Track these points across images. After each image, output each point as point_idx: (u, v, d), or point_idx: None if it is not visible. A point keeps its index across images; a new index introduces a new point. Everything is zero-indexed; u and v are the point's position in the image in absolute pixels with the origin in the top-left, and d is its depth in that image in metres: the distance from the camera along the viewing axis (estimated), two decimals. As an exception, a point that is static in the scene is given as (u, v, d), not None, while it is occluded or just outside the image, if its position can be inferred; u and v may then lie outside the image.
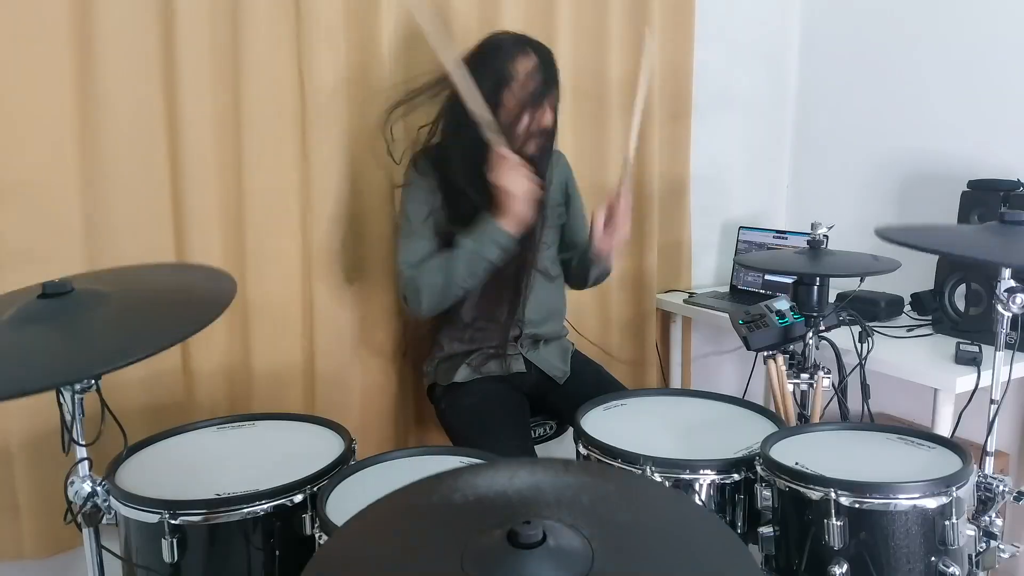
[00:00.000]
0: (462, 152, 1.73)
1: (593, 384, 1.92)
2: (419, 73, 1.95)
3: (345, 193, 1.94)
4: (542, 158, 1.80)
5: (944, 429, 1.75)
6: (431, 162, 1.80)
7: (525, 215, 1.68)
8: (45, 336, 1.14)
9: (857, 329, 1.77)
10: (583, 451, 1.48)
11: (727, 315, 2.01)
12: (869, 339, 1.75)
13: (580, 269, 1.95)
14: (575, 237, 2.00)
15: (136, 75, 1.72)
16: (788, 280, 1.80)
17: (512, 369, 1.88)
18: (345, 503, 1.27)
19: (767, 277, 2.48)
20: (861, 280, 1.71)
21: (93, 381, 1.19)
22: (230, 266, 1.86)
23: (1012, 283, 1.33)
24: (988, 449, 1.41)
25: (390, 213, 1.99)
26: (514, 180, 1.64)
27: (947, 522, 1.16)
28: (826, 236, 1.71)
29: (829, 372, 1.72)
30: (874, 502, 1.17)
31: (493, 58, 1.74)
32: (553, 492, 0.72)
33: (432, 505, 0.74)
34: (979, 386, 1.70)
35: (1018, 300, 1.32)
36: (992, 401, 1.40)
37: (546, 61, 1.75)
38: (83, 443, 1.21)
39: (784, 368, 1.69)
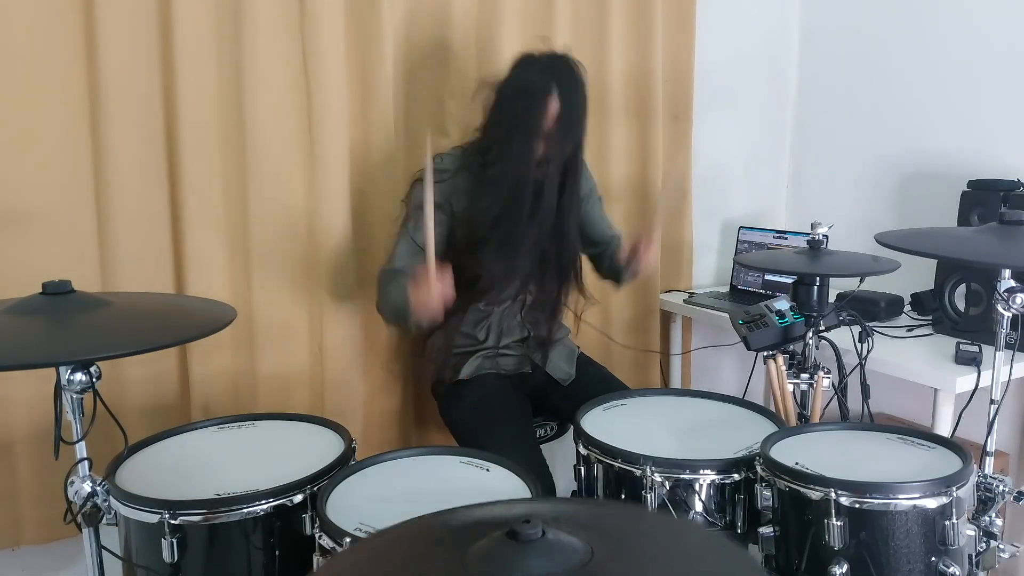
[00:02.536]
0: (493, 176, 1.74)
1: (595, 384, 1.91)
2: (420, 68, 1.95)
3: (350, 197, 1.94)
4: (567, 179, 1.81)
5: (944, 429, 1.75)
6: (446, 168, 1.80)
7: (432, 317, 1.64)
8: (44, 323, 1.15)
9: (857, 329, 1.77)
10: (583, 451, 1.48)
11: (727, 315, 2.01)
12: (869, 339, 1.75)
13: (611, 272, 2.02)
14: (594, 234, 2.01)
15: (140, 84, 1.72)
16: (788, 280, 1.80)
17: (518, 369, 1.88)
18: (345, 503, 1.27)
19: (767, 277, 2.48)
20: (861, 280, 1.71)
21: (91, 379, 1.19)
22: (235, 270, 1.87)
23: (1012, 283, 1.33)
24: (988, 449, 1.41)
25: (395, 217, 1.99)
26: (427, 298, 1.59)
27: (947, 522, 1.16)
28: (826, 236, 1.71)
29: (829, 372, 1.72)
30: (874, 502, 1.17)
31: (521, 100, 1.72)
32: (552, 513, 0.73)
33: (431, 528, 0.75)
34: (979, 386, 1.70)
35: (1018, 300, 1.32)
36: (992, 401, 1.40)
37: (572, 99, 1.74)
38: (74, 442, 1.21)
39: (784, 368, 1.69)
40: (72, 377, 1.17)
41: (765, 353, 1.71)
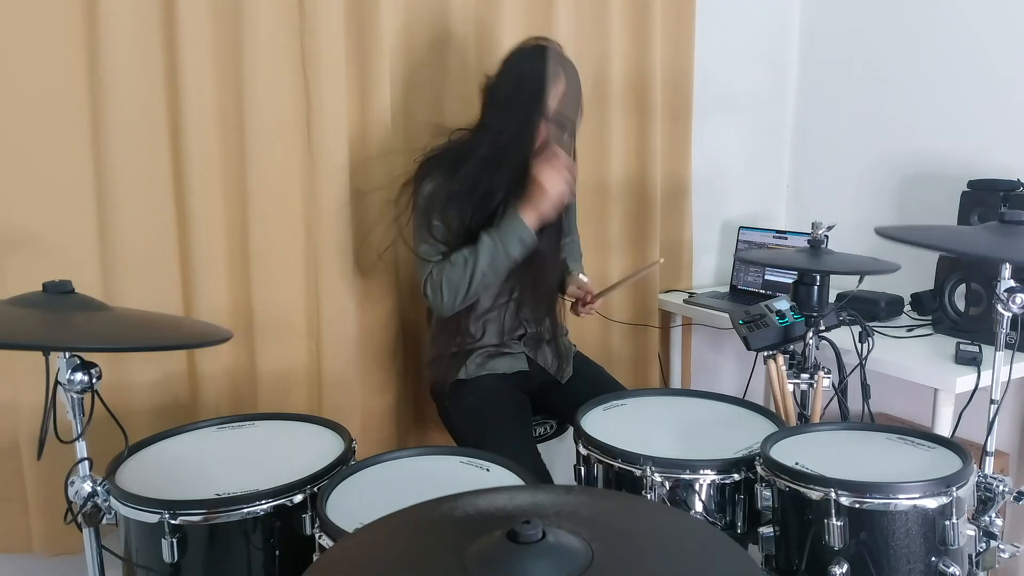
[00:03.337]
0: (498, 144, 1.73)
1: (594, 384, 1.92)
2: (419, 69, 1.95)
3: (349, 196, 1.94)
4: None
5: (944, 429, 1.75)
6: (446, 160, 1.79)
7: (550, 215, 1.70)
8: (41, 313, 1.15)
9: (857, 329, 1.77)
10: (583, 451, 1.48)
11: (727, 315, 2.01)
12: (869, 339, 1.74)
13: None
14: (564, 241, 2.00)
15: (141, 81, 1.72)
16: (788, 280, 1.80)
17: (515, 368, 1.88)
18: (345, 503, 1.27)
19: (767, 277, 2.48)
20: (860, 280, 1.71)
21: (91, 379, 1.19)
22: (234, 269, 1.87)
23: (1012, 283, 1.33)
24: (988, 449, 1.41)
25: (393, 215, 1.99)
26: (555, 180, 1.66)
27: (947, 522, 1.16)
28: (826, 236, 1.71)
29: (829, 372, 1.72)
30: (874, 502, 1.17)
31: (542, 64, 1.73)
32: (553, 507, 0.72)
33: (433, 519, 0.74)
34: (979, 386, 1.70)
35: (1018, 300, 1.32)
36: (992, 401, 1.40)
37: (575, 78, 1.79)
38: (67, 441, 1.21)
39: (784, 368, 1.69)
40: (72, 377, 1.18)
41: (765, 353, 1.71)
